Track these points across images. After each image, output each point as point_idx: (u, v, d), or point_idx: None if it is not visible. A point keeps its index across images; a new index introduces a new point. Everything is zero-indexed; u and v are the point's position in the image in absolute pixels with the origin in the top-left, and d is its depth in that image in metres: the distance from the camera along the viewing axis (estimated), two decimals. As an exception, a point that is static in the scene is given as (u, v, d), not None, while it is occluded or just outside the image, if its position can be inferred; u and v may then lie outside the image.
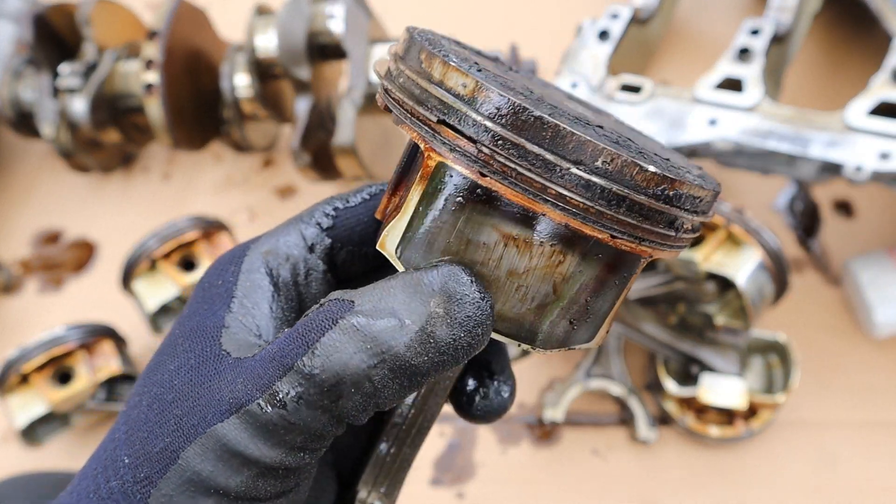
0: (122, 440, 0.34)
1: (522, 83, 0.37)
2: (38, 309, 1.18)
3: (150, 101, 1.06)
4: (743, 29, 1.01)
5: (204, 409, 0.32)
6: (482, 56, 0.41)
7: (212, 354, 0.33)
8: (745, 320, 0.89)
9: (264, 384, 0.31)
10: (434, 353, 0.30)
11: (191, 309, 0.37)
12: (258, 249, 0.38)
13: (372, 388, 0.31)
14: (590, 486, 0.94)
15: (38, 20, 1.13)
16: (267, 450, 0.31)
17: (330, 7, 1.05)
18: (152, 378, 0.35)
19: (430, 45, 0.33)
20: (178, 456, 0.31)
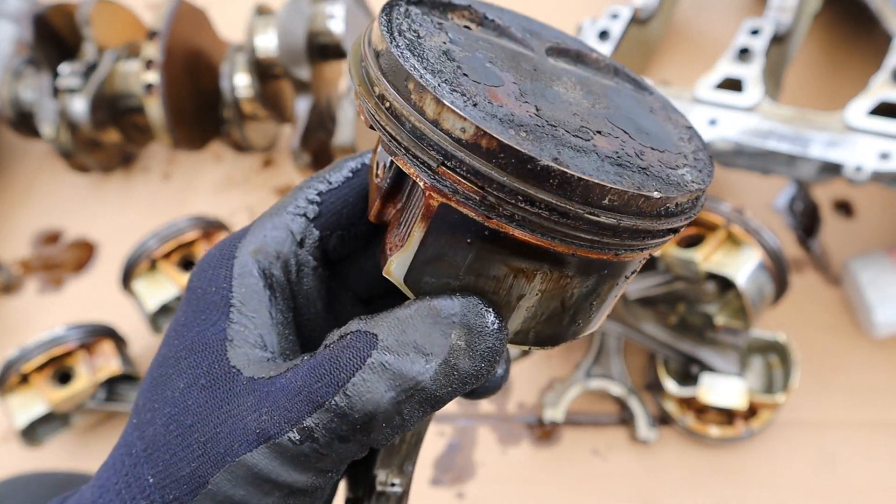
0: (142, 457, 0.34)
1: (518, 77, 0.35)
2: (38, 309, 1.18)
3: (150, 101, 1.06)
4: (743, 29, 1.01)
5: (229, 437, 0.32)
6: (466, 12, 0.39)
7: (222, 372, 0.34)
8: (745, 320, 0.89)
9: (293, 418, 0.31)
10: (457, 384, 0.31)
11: (187, 317, 0.36)
12: (246, 248, 0.37)
13: (401, 420, 0.32)
14: (590, 486, 0.94)
15: (38, 20, 1.13)
16: (297, 475, 0.32)
17: (330, 7, 1.05)
18: (162, 394, 0.35)
19: (417, 72, 0.32)
20: (206, 481, 0.32)
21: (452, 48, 0.34)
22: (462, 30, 0.37)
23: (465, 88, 0.32)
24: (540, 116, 0.32)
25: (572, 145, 0.32)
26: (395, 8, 0.35)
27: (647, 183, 0.32)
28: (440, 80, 0.31)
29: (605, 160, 0.32)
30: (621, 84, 0.42)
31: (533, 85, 0.35)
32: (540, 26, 0.42)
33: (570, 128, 0.33)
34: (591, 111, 0.35)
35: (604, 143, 0.33)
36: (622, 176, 0.31)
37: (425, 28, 0.35)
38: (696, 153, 0.37)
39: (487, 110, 0.31)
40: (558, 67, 0.39)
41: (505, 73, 0.35)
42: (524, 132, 0.31)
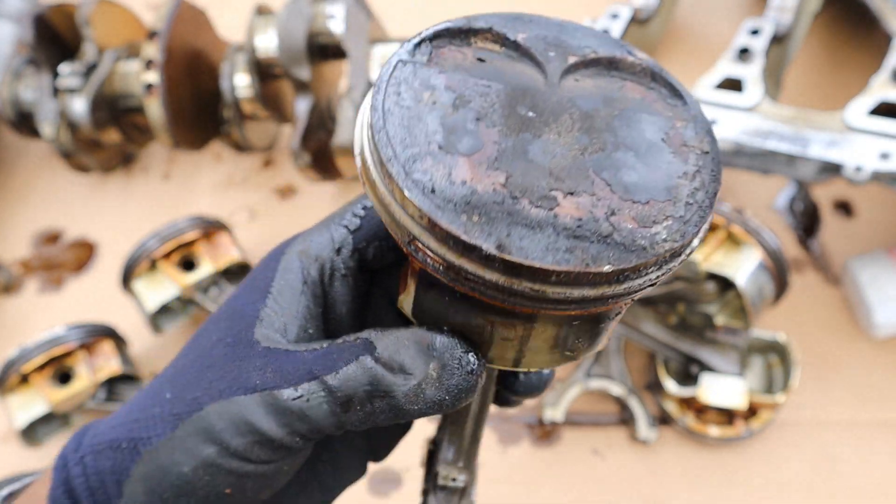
0: (167, 379, 0.43)
1: (504, 130, 0.37)
2: (38, 309, 1.18)
3: (150, 101, 1.06)
4: (743, 29, 1.01)
5: (233, 381, 0.40)
6: (489, 34, 0.41)
7: (245, 340, 0.41)
8: (745, 320, 0.89)
9: (291, 381, 0.39)
10: (423, 406, 0.38)
11: (238, 291, 0.45)
12: (295, 248, 0.44)
13: (371, 411, 0.39)
14: (590, 486, 0.94)
15: (39, 20, 1.13)
16: (273, 427, 0.39)
17: (330, 7, 1.05)
18: (199, 341, 0.44)
19: (389, 150, 0.35)
20: (202, 407, 0.40)
21: (440, 106, 0.37)
22: (473, 65, 0.39)
23: (431, 168, 0.35)
24: (506, 187, 0.35)
25: (527, 221, 0.34)
26: (397, 67, 0.38)
27: (603, 254, 0.34)
28: (407, 161, 0.35)
29: (561, 233, 0.34)
30: (653, 94, 0.41)
31: (518, 139, 0.36)
32: (573, 32, 0.42)
33: (536, 195, 0.35)
34: (576, 161, 0.36)
35: (570, 208, 0.35)
36: (574, 251, 0.34)
37: (422, 81, 0.38)
38: (695, 193, 0.37)
39: (446, 194, 0.34)
40: (567, 98, 0.39)
41: (490, 131, 0.36)
42: (477, 215, 0.34)
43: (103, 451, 0.42)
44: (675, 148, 0.38)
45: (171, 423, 0.41)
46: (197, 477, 0.40)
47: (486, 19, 0.41)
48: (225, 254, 1.04)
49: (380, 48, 1.05)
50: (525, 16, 0.42)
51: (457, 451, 0.47)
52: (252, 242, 1.17)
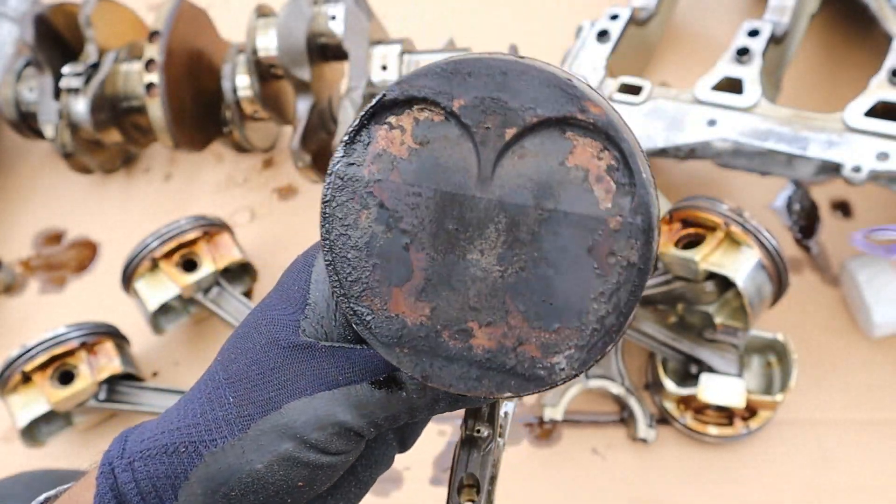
0: (224, 384, 0.44)
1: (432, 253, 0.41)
2: (39, 309, 1.19)
3: (151, 102, 1.06)
4: (742, 30, 1.01)
5: (313, 379, 0.43)
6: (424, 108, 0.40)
7: (300, 343, 0.44)
8: (743, 320, 0.89)
9: (372, 374, 0.43)
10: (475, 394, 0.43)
11: (271, 301, 0.47)
12: (323, 258, 0.45)
13: (435, 397, 0.44)
14: (589, 485, 0.94)
15: (39, 20, 1.13)
16: (353, 417, 0.43)
17: (330, 8, 1.05)
18: (245, 345, 0.46)
19: (339, 297, 0.42)
20: (280, 406, 0.42)
21: (376, 231, 0.41)
22: (408, 158, 0.40)
23: (371, 303, 0.41)
24: (431, 319, 0.40)
25: (446, 354, 0.40)
26: (336, 187, 0.42)
27: (506, 383, 0.40)
28: (353, 298, 0.41)
29: (473, 365, 0.40)
30: (601, 164, 0.38)
31: (444, 263, 0.40)
32: (517, 83, 0.38)
33: (455, 328, 0.40)
34: (495, 286, 0.39)
35: (483, 339, 0.40)
36: (482, 380, 0.40)
37: (360, 200, 0.41)
38: (606, 318, 0.38)
39: (382, 330, 0.41)
40: (496, 201, 0.39)
41: (419, 255, 0.40)
42: (406, 349, 0.40)
43: (156, 456, 0.44)
44: (599, 261, 0.38)
45: (239, 424, 0.43)
46: (271, 472, 0.42)
47: (420, 83, 0.39)
48: (226, 254, 1.05)
49: (380, 49, 1.05)
50: (463, 66, 0.39)
51: (487, 409, 0.55)
52: (253, 242, 1.17)
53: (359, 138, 0.41)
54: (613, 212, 0.38)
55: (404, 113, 0.40)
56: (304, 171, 1.07)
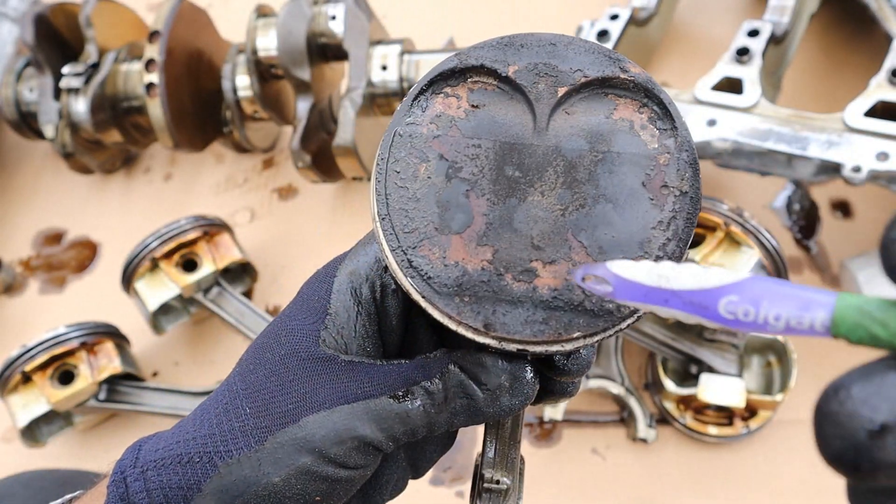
0: (241, 394, 0.44)
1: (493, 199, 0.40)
2: (40, 309, 1.19)
3: (151, 102, 1.06)
4: (742, 30, 1.01)
5: (332, 392, 0.43)
6: (480, 74, 0.43)
7: (319, 356, 0.44)
8: (743, 320, 0.89)
9: (391, 389, 0.43)
10: (496, 409, 0.43)
11: (292, 311, 0.46)
12: (345, 270, 0.46)
13: (454, 411, 0.43)
14: (589, 485, 0.94)
15: (39, 20, 1.13)
16: (372, 431, 0.42)
17: (330, 8, 1.05)
18: (263, 356, 0.45)
19: (391, 243, 0.40)
20: (299, 419, 0.42)
21: (435, 181, 0.41)
22: (466, 117, 0.42)
23: (428, 252, 0.40)
24: (492, 264, 0.40)
25: (510, 297, 0.39)
26: (395, 141, 0.42)
27: (574, 322, 0.39)
28: (409, 248, 0.40)
29: (539, 306, 0.39)
30: (643, 116, 0.42)
31: (505, 206, 0.40)
32: (565, 51, 0.43)
33: (518, 269, 0.40)
34: (557, 224, 0.40)
35: (548, 278, 0.39)
36: (549, 322, 0.39)
37: (418, 154, 0.41)
38: (666, 244, 0.40)
39: (441, 279, 0.40)
40: (553, 147, 0.41)
41: (479, 201, 0.41)
42: (467, 296, 0.39)
43: (169, 466, 0.43)
44: (654, 193, 0.41)
45: (256, 436, 0.42)
46: (288, 486, 0.42)
47: (477, 54, 0.43)
48: (226, 254, 1.05)
49: (380, 49, 1.05)
50: (517, 39, 0.43)
51: (498, 453, 0.51)
52: (253, 242, 1.17)
53: (416, 103, 0.43)
54: (661, 150, 0.41)
55: (459, 84, 0.43)
56: (304, 171, 1.07)
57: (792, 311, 0.28)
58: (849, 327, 0.27)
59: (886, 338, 0.26)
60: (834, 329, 0.27)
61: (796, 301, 0.28)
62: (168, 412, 0.99)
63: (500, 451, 0.51)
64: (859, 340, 0.27)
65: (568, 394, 0.48)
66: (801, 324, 0.28)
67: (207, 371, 1.09)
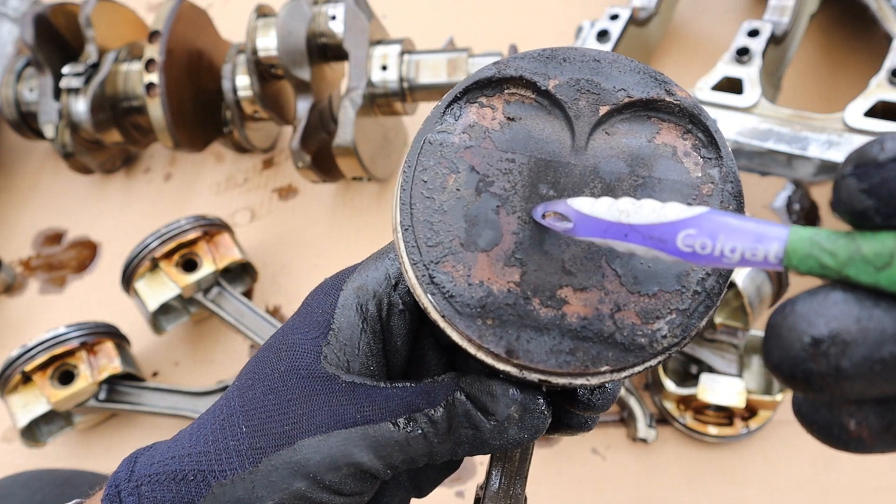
0: (238, 411, 0.43)
1: (524, 217, 0.38)
2: (40, 309, 1.19)
3: (151, 102, 1.06)
4: (742, 30, 1.01)
5: (330, 416, 0.41)
6: (517, 86, 0.41)
7: (320, 374, 0.42)
8: (743, 320, 0.89)
9: (392, 415, 0.41)
10: (503, 441, 0.41)
11: (295, 323, 0.45)
12: (351, 284, 0.44)
13: (458, 442, 0.42)
14: (589, 485, 0.94)
15: (39, 20, 1.13)
16: (372, 459, 0.41)
17: (330, 8, 1.05)
18: (263, 371, 0.44)
19: (413, 255, 0.38)
20: (294, 442, 0.41)
21: (464, 194, 0.39)
22: (501, 129, 0.40)
23: (452, 269, 0.37)
24: (520, 286, 0.37)
25: (536, 324, 0.37)
26: (424, 148, 0.39)
27: (603, 354, 0.36)
28: (431, 263, 0.37)
29: (566, 335, 0.37)
30: (687, 143, 0.40)
31: (538, 225, 0.38)
32: (609, 69, 0.41)
33: (546, 294, 0.37)
34: (591, 249, 0.38)
35: (577, 306, 0.37)
36: (576, 353, 0.36)
37: (447, 164, 0.39)
38: (706, 279, 0.37)
39: (464, 298, 0.37)
40: (591, 167, 0.39)
41: (510, 219, 0.38)
42: (491, 318, 0.37)
43: (164, 482, 0.42)
44: None
45: (250, 456, 0.41)
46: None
47: (517, 64, 0.41)
48: (226, 254, 1.05)
49: (380, 49, 1.05)
50: (559, 52, 0.41)
51: (503, 487, 0.49)
52: (253, 242, 1.17)
53: (449, 111, 0.40)
54: (704, 179, 0.39)
55: (496, 95, 0.41)
56: (304, 171, 1.07)
57: (747, 243, 0.28)
58: (800, 258, 0.27)
59: (835, 267, 0.26)
60: (786, 260, 0.27)
61: (751, 234, 0.28)
62: (168, 412, 0.99)
63: (505, 486, 0.48)
64: (809, 271, 0.27)
65: (586, 427, 0.46)
66: (755, 255, 0.28)
67: (207, 371, 1.09)
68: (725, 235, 0.29)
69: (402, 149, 1.21)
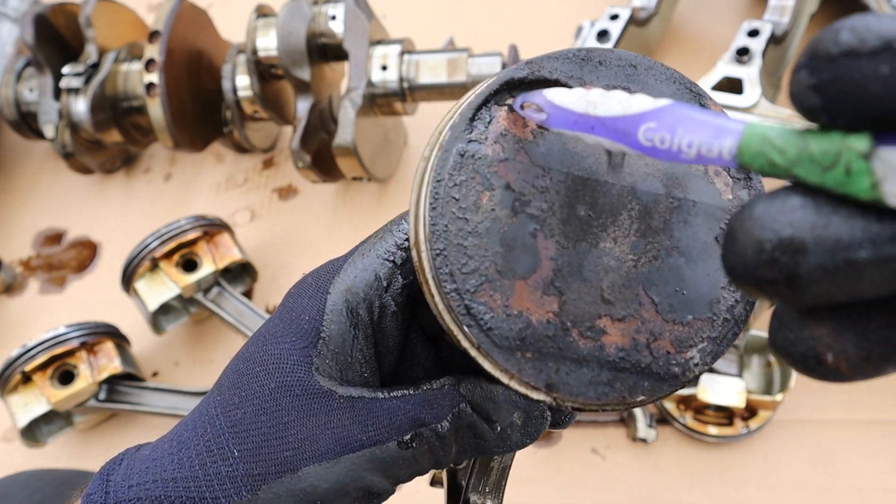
0: (226, 432, 0.40)
1: (563, 241, 0.36)
2: (40, 309, 1.19)
3: (151, 102, 1.06)
4: (742, 30, 1.01)
5: (336, 440, 0.39)
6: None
7: (315, 390, 0.40)
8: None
9: (398, 431, 0.39)
10: (505, 447, 0.41)
11: (278, 330, 0.42)
12: (339, 287, 0.42)
13: (462, 450, 0.41)
14: (589, 485, 0.94)
15: (39, 20, 1.13)
16: (379, 481, 0.39)
17: (330, 8, 1.05)
18: (251, 386, 0.41)
19: (447, 279, 0.35)
20: (298, 469, 0.38)
21: (499, 215, 0.36)
22: (534, 140, 0.37)
23: (489, 299, 0.35)
24: (558, 316, 0.36)
25: (575, 356, 0.36)
26: (455, 162, 0.36)
27: (639, 384, 0.36)
28: (467, 292, 0.35)
29: (605, 367, 0.36)
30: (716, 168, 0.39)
31: (575, 252, 0.36)
32: (644, 77, 0.39)
33: (585, 325, 0.36)
34: (628, 276, 0.37)
35: (615, 335, 0.36)
36: (614, 384, 0.36)
37: (481, 180, 0.36)
38: (734, 307, 0.37)
39: (502, 331, 0.35)
40: (628, 186, 0.37)
41: (548, 243, 0.36)
42: (530, 353, 0.35)
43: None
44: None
45: (248, 483, 0.39)
46: None
47: (551, 66, 0.37)
48: (226, 254, 1.05)
49: (380, 49, 1.05)
50: (594, 54, 0.38)
51: (490, 481, 0.48)
52: (253, 242, 1.17)
53: (479, 115, 0.37)
54: (735, 203, 0.38)
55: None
56: (304, 171, 1.07)
57: (704, 138, 0.28)
58: (752, 155, 0.26)
59: (783, 165, 0.25)
60: (739, 157, 0.27)
61: (709, 128, 0.28)
62: (168, 412, 0.99)
63: (491, 480, 0.49)
64: (760, 168, 0.26)
65: (563, 425, 0.46)
66: (710, 151, 0.27)
67: (207, 371, 1.09)
68: (684, 129, 0.28)
69: (402, 149, 1.21)
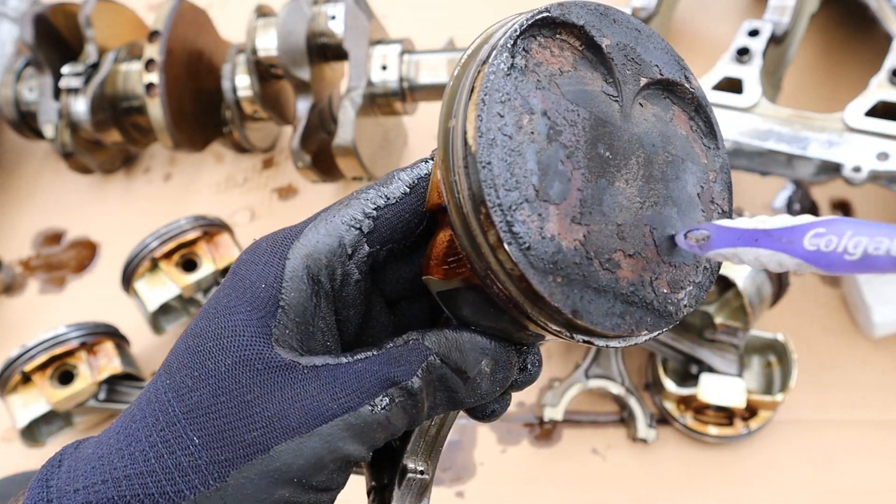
0: (181, 418, 0.36)
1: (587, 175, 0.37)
2: (39, 309, 1.19)
3: (151, 102, 1.06)
4: (742, 30, 1.01)
5: (305, 414, 0.37)
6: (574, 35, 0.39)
7: (276, 363, 0.37)
8: (743, 320, 0.89)
9: (370, 394, 0.38)
10: (476, 397, 0.41)
11: (230, 301, 0.39)
12: (299, 252, 0.39)
13: (433, 405, 0.40)
14: (589, 485, 0.94)
15: (39, 20, 1.13)
16: (355, 448, 0.37)
17: (330, 8, 1.05)
18: (204, 365, 0.37)
19: (492, 196, 0.34)
20: (269, 448, 0.36)
21: (537, 139, 0.36)
22: (563, 77, 0.38)
23: (528, 218, 0.35)
24: (584, 245, 0.37)
25: (596, 285, 0.37)
26: (499, 77, 0.36)
27: (644, 319, 0.38)
28: (509, 209, 0.35)
29: (619, 299, 0.37)
30: (694, 132, 0.42)
31: (596, 187, 0.37)
32: (647, 42, 0.41)
33: (604, 257, 0.37)
34: (637, 216, 0.39)
35: (627, 270, 0.38)
36: (625, 317, 0.37)
37: (522, 101, 0.36)
38: (710, 258, 0.40)
39: (538, 252, 0.35)
40: (635, 135, 0.40)
41: (575, 174, 0.37)
42: (560, 277, 0.36)
43: None
44: (705, 205, 0.41)
45: (214, 472, 0.35)
46: None
47: (578, 12, 0.39)
48: (226, 254, 1.05)
49: (380, 49, 1.05)
50: (611, 12, 0.41)
51: (426, 445, 0.48)
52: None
53: (519, 43, 0.37)
54: (710, 166, 0.42)
55: (550, 37, 0.39)
56: (304, 171, 1.07)
57: (872, 237, 0.29)
58: None
59: None
60: None
61: (879, 229, 0.29)
62: (168, 412, 0.99)
63: (427, 444, 0.48)
64: None
65: (531, 376, 0.45)
66: (877, 249, 0.29)
67: (207, 371, 1.09)
68: (853, 231, 0.30)
69: (402, 149, 1.21)
